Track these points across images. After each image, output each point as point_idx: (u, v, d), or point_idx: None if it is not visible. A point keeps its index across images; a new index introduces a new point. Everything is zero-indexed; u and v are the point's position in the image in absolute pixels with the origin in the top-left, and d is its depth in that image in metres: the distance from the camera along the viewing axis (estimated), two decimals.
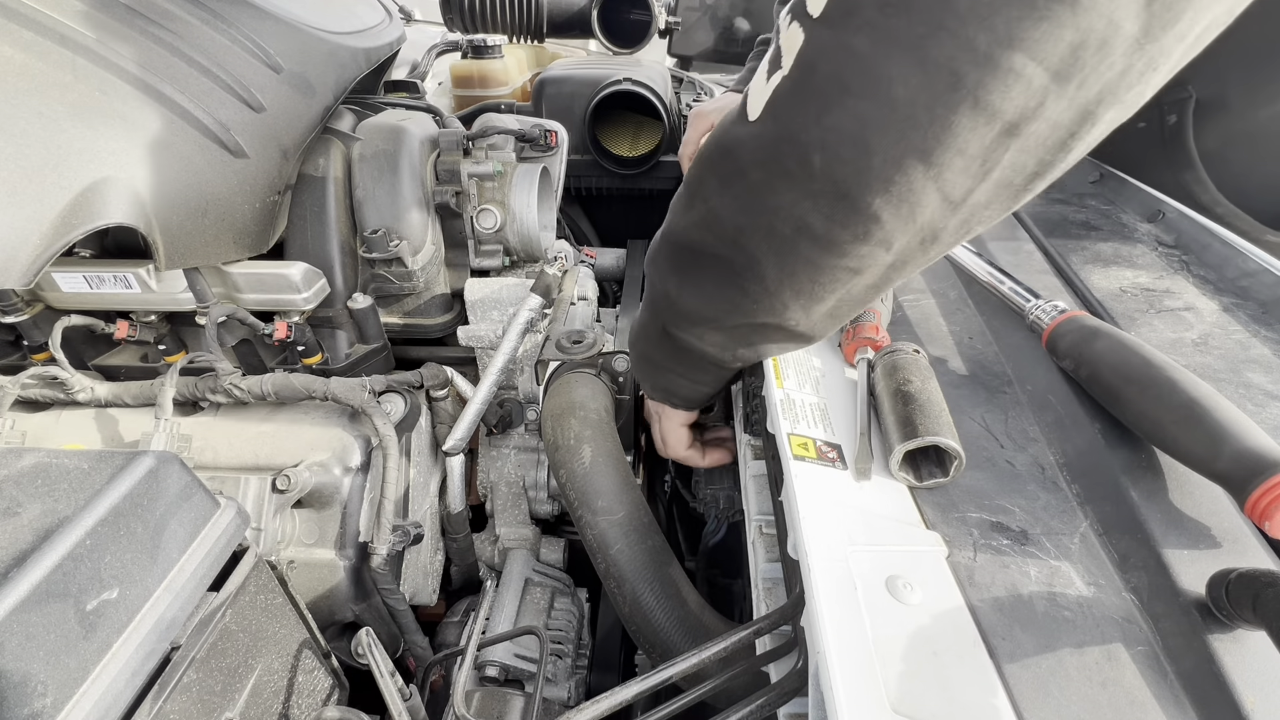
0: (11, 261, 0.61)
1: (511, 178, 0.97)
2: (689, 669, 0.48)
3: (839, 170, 0.40)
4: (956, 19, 0.34)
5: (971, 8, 0.33)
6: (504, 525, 1.05)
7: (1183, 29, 0.34)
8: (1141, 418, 0.48)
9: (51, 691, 0.37)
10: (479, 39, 1.59)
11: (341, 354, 0.95)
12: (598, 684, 0.96)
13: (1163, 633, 0.40)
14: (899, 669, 0.37)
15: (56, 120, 0.64)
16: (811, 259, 0.45)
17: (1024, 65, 0.34)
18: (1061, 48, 0.33)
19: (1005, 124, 0.36)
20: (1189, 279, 0.71)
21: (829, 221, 0.42)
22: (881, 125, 0.38)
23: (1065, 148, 0.38)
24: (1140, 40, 0.33)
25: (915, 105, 0.36)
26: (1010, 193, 0.41)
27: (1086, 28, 0.33)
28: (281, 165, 0.81)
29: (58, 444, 0.82)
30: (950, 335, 0.66)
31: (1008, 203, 0.41)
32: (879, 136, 0.38)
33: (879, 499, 0.48)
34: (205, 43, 0.77)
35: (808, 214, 0.43)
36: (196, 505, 0.48)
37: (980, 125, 0.36)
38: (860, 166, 0.39)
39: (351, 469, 0.80)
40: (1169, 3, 0.32)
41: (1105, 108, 0.36)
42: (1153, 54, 0.34)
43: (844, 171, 0.40)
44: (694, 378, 0.64)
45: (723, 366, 0.59)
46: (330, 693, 0.63)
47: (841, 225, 0.42)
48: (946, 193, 0.40)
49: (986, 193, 0.40)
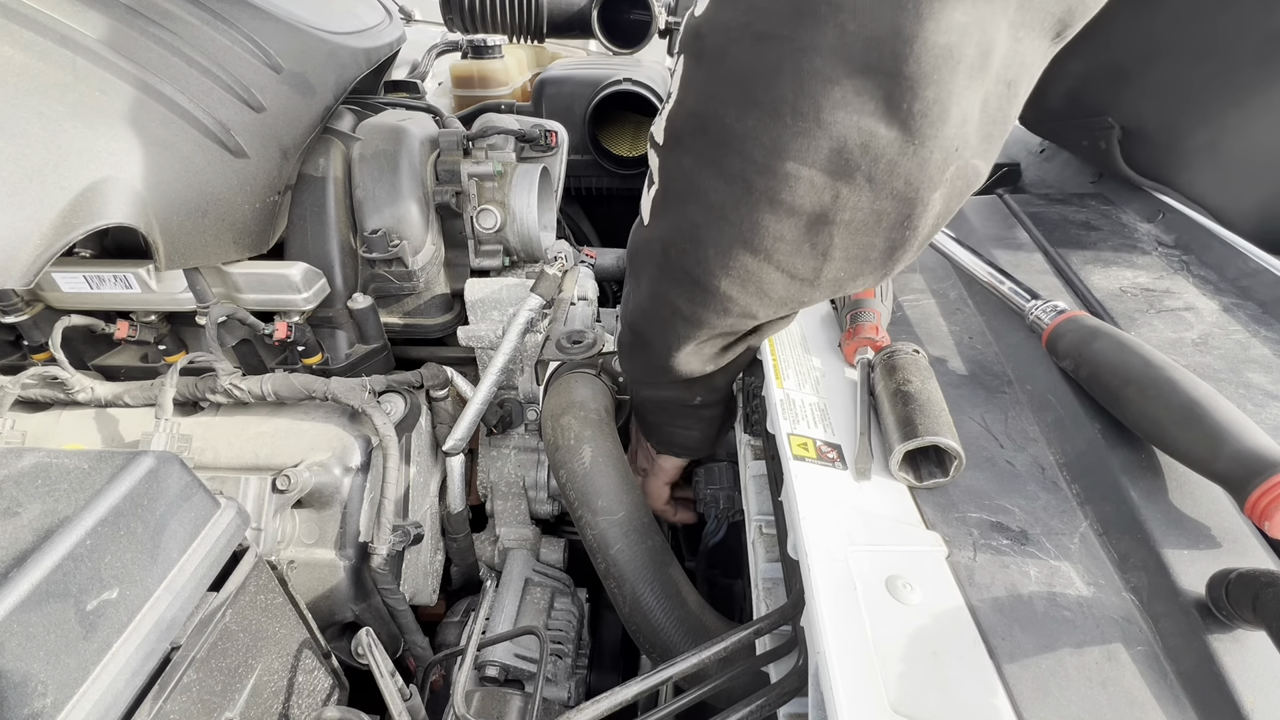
0: (12, 261, 0.61)
1: (511, 178, 0.97)
2: (689, 669, 0.48)
3: (687, 261, 0.50)
4: (738, 139, 0.42)
5: (749, 130, 0.42)
6: (504, 525, 1.05)
7: (952, 132, 0.39)
8: (1141, 418, 0.48)
9: (51, 691, 0.37)
10: (479, 39, 1.59)
11: (341, 354, 0.95)
12: (598, 684, 0.96)
13: (1163, 633, 0.40)
14: (899, 669, 0.37)
15: (56, 120, 0.64)
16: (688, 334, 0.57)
17: (797, 170, 0.41)
18: (823, 154, 0.40)
19: (811, 216, 0.44)
20: (1189, 279, 0.71)
21: (691, 303, 0.53)
22: (708, 224, 0.47)
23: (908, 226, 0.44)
24: (908, 139, 0.39)
25: (726, 207, 0.45)
26: (874, 265, 0.48)
27: (839, 136, 0.40)
28: (281, 165, 0.81)
29: (58, 444, 0.82)
30: (950, 335, 0.66)
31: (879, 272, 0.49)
32: (708, 232, 0.48)
33: (879, 499, 0.48)
34: (205, 43, 0.77)
35: (678, 299, 0.54)
36: (196, 505, 0.48)
37: (785, 218, 0.44)
38: (701, 257, 0.49)
39: (351, 469, 0.80)
40: (924, 110, 0.38)
41: (925, 191, 0.42)
42: (935, 148, 0.40)
43: (690, 262, 0.50)
44: (679, 424, 0.73)
45: (686, 404, 0.68)
46: (330, 693, 0.63)
47: (702, 305, 0.53)
48: (791, 272, 0.48)
49: (842, 268, 0.48)
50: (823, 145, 0.40)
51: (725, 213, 0.46)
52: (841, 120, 0.39)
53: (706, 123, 0.44)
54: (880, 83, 0.38)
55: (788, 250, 0.46)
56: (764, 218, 0.44)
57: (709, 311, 0.53)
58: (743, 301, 0.51)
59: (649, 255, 0.55)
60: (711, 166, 0.45)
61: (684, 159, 0.47)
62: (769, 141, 0.41)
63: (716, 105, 0.43)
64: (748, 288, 0.49)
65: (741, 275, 0.49)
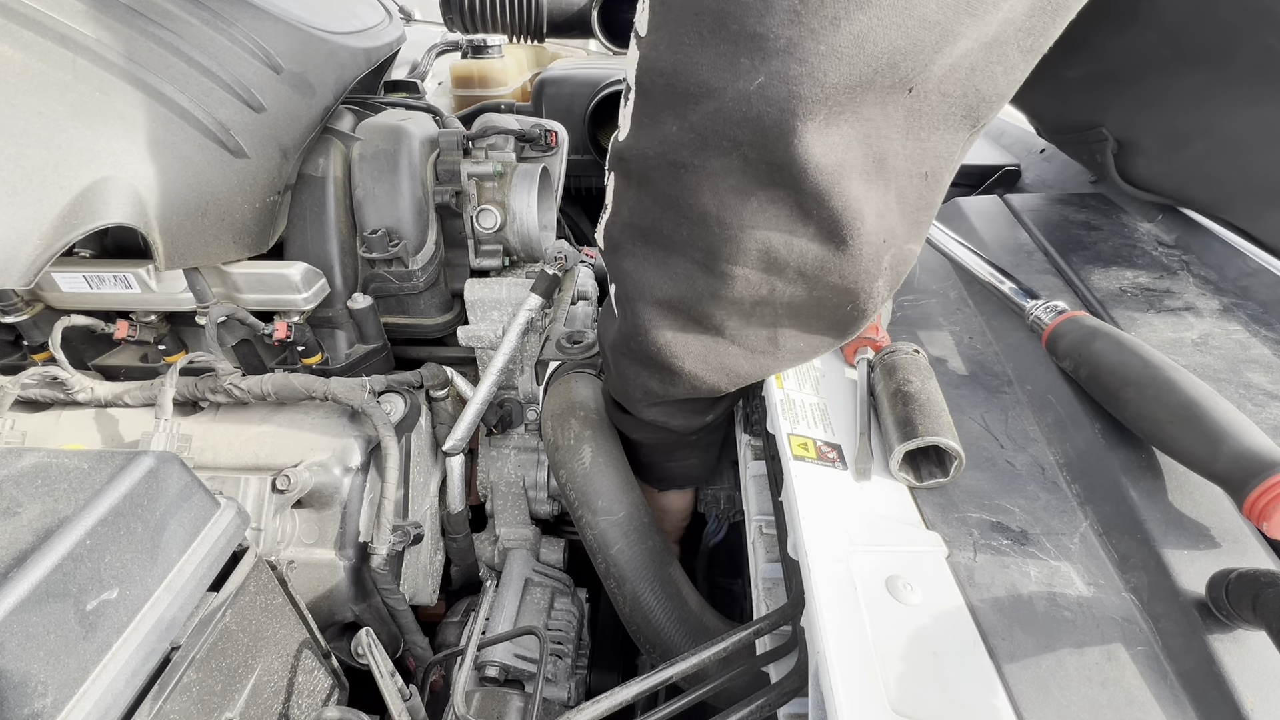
0: (12, 261, 0.61)
1: (511, 178, 0.97)
2: (689, 669, 0.48)
3: (650, 348, 0.54)
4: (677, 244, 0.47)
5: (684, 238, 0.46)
6: (504, 525, 1.05)
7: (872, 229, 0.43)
8: (1140, 418, 0.48)
9: (51, 691, 0.37)
10: (479, 39, 1.59)
11: (341, 354, 0.95)
12: (598, 684, 0.96)
13: (1163, 633, 0.40)
14: (899, 669, 0.37)
15: (56, 120, 0.64)
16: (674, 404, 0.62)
17: (731, 269, 0.46)
18: (753, 255, 0.45)
19: (753, 303, 0.48)
20: (1189, 279, 0.71)
21: (664, 384, 0.58)
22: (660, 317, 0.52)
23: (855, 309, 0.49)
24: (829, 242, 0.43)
25: (675, 300, 0.50)
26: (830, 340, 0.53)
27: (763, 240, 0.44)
28: (281, 165, 0.81)
29: (58, 444, 0.82)
30: (950, 335, 0.66)
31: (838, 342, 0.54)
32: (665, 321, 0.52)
33: (879, 499, 0.48)
34: (205, 43, 0.77)
35: (649, 380, 0.59)
36: (196, 505, 0.48)
37: (729, 306, 0.49)
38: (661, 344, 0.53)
39: (351, 469, 0.80)
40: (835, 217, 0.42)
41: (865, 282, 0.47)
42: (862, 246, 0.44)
43: (651, 349, 0.54)
44: (675, 459, 0.75)
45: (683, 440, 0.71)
46: (330, 693, 0.63)
47: (672, 385, 0.57)
48: (749, 347, 0.53)
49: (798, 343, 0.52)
50: (750, 248, 0.45)
51: (674, 305, 0.51)
52: (762, 226, 0.43)
53: (645, 232, 0.49)
54: (788, 196, 0.42)
55: (737, 328, 0.51)
56: (710, 307, 0.50)
57: (679, 389, 0.58)
58: (710, 379, 0.55)
59: (614, 346, 0.61)
60: (657, 268, 0.50)
61: (628, 262, 0.52)
62: (704, 246, 0.46)
63: (651, 219, 0.48)
64: (710, 365, 0.54)
65: (702, 355, 0.53)
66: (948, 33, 0.36)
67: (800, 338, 0.52)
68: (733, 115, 0.39)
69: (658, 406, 0.63)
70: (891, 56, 0.36)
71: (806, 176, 0.40)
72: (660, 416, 0.65)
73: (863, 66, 0.36)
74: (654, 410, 0.64)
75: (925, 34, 0.36)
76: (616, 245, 0.52)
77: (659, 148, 0.44)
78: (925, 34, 0.36)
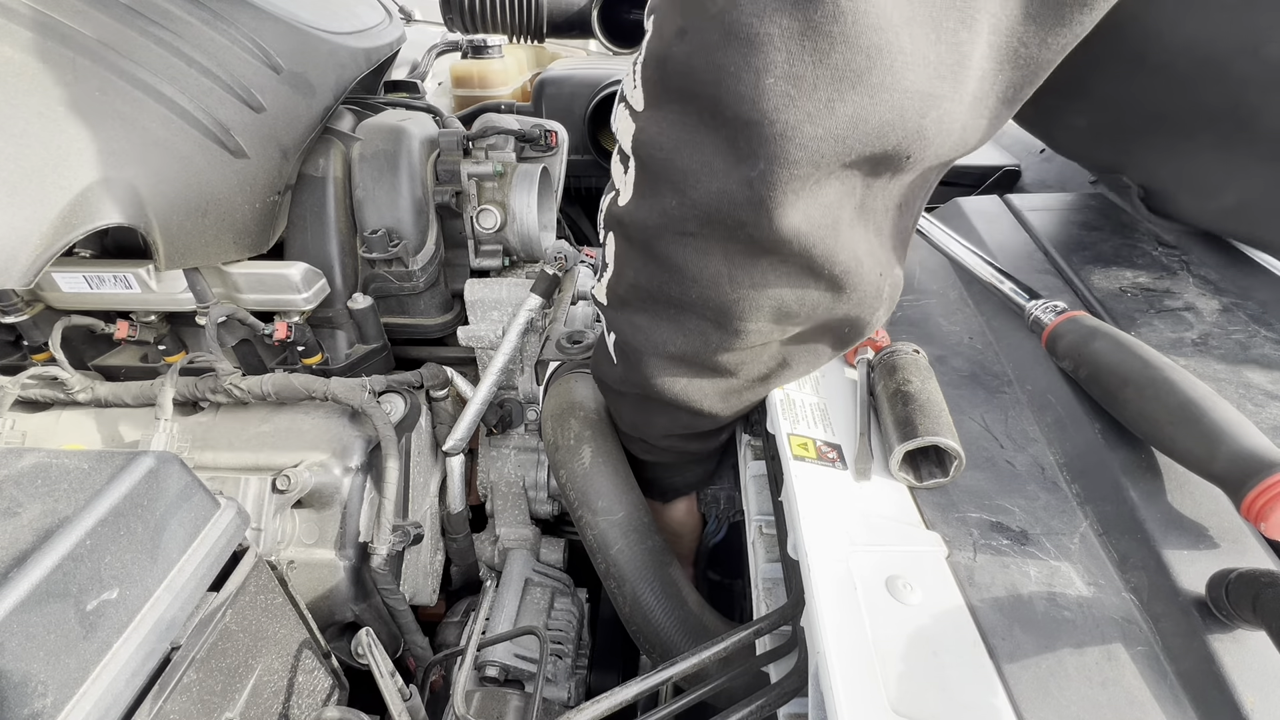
0: (12, 262, 0.61)
1: (511, 178, 0.97)
2: (689, 669, 0.48)
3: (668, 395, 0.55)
4: (688, 305, 0.48)
5: (694, 299, 0.47)
6: (504, 525, 1.05)
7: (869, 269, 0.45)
8: (1139, 418, 0.48)
9: (51, 691, 0.37)
10: (479, 39, 1.59)
11: (341, 354, 0.95)
12: (598, 684, 0.96)
13: (1163, 633, 0.40)
14: (899, 669, 0.37)
15: (56, 120, 0.64)
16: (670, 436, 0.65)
17: (744, 325, 0.48)
18: (766, 311, 0.46)
19: (762, 345, 0.51)
20: (1189, 279, 0.71)
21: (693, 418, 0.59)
22: (673, 368, 0.54)
23: (857, 335, 0.52)
24: (838, 292, 0.46)
25: (687, 355, 0.52)
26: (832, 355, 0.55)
27: (776, 296, 0.45)
28: (281, 165, 0.81)
29: (58, 444, 0.82)
30: (950, 335, 0.66)
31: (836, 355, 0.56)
32: (674, 372, 0.54)
33: (879, 499, 0.48)
34: (205, 43, 0.77)
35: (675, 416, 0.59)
36: (196, 505, 0.48)
37: (742, 354, 0.51)
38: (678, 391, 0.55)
39: (351, 469, 0.80)
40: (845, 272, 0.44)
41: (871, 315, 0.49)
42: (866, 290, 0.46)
43: (669, 396, 0.55)
44: (675, 474, 0.76)
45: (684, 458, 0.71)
46: (330, 693, 0.63)
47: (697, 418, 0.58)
48: (767, 383, 0.56)
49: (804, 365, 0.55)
50: (764, 305, 0.46)
51: (689, 359, 0.52)
52: (774, 285, 0.45)
53: (653, 293, 0.49)
54: (794, 261, 0.43)
55: (748, 369, 0.53)
56: (722, 357, 0.51)
57: (700, 423, 0.60)
58: (727, 412, 0.58)
59: (623, 391, 0.61)
60: (669, 325, 0.51)
61: (637, 318, 0.52)
62: (716, 305, 0.47)
63: (659, 282, 0.48)
64: (727, 402, 0.57)
65: (719, 395, 0.56)
66: (930, 98, 0.37)
67: (805, 362, 0.54)
68: (736, 198, 0.40)
69: (673, 437, 0.65)
70: (881, 129, 0.37)
71: (814, 245, 0.42)
72: (678, 444, 0.67)
73: (856, 142, 0.38)
74: (670, 440, 0.66)
75: (910, 104, 0.37)
76: (624, 302, 0.53)
77: (660, 219, 0.44)
78: (910, 104, 0.37)
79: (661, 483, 0.78)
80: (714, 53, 0.36)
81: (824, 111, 0.36)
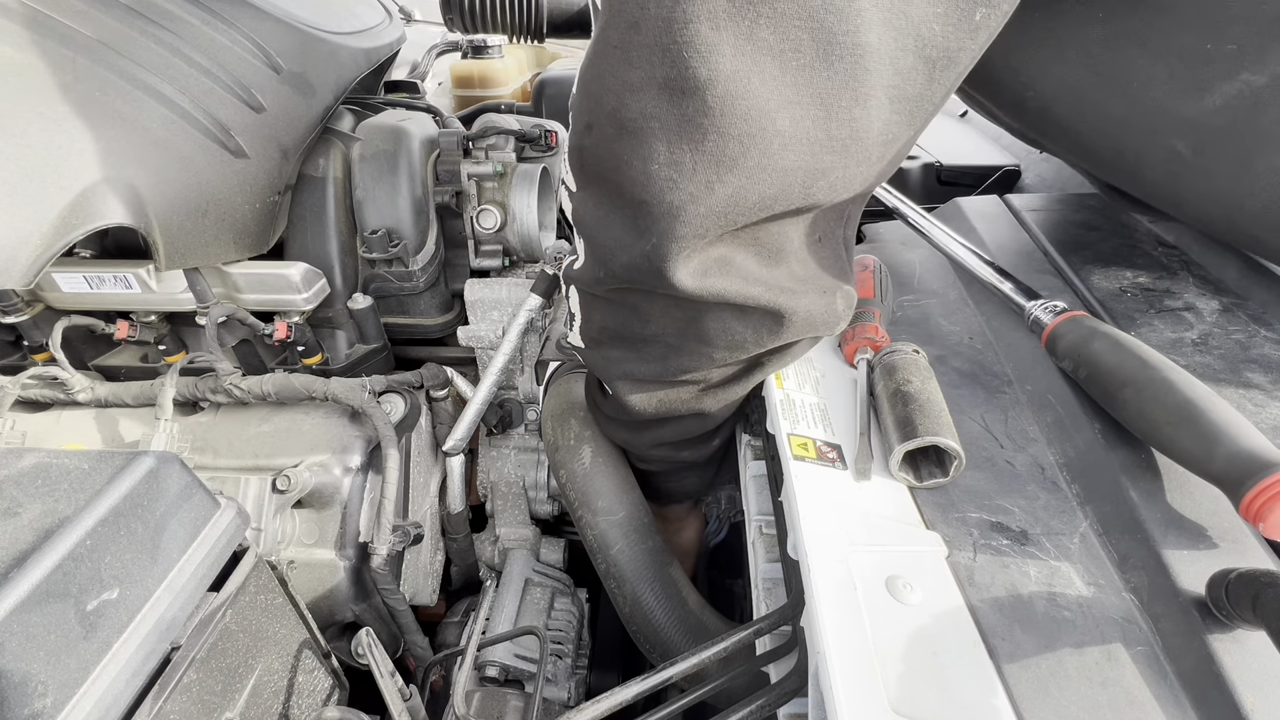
0: (12, 262, 0.61)
1: (511, 178, 0.97)
2: (689, 669, 0.48)
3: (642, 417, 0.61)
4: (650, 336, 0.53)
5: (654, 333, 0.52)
6: (504, 525, 1.05)
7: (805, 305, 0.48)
8: (1138, 418, 0.48)
9: (52, 691, 0.37)
10: (479, 39, 1.59)
11: (341, 354, 0.95)
12: (598, 684, 0.96)
13: (1163, 633, 0.40)
14: (899, 669, 0.37)
15: (56, 120, 0.64)
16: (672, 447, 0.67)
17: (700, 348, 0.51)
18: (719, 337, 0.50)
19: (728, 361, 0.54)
20: (1189, 279, 0.71)
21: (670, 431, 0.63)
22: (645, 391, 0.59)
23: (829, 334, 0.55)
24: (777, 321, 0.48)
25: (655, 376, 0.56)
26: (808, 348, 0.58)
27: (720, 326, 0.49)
28: (281, 165, 0.81)
29: (58, 444, 0.82)
30: (950, 335, 0.66)
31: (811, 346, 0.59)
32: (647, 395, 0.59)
33: (879, 499, 0.48)
34: (205, 43, 0.77)
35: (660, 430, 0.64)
36: (197, 505, 0.48)
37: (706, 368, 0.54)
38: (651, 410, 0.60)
39: (351, 469, 0.80)
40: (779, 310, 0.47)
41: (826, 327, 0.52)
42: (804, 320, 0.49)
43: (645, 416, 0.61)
44: (670, 480, 0.77)
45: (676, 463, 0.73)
46: (330, 693, 0.63)
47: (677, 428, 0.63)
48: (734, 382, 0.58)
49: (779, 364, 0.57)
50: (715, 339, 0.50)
51: (655, 380, 0.57)
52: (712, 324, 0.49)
53: (618, 333, 0.55)
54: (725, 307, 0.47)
55: (718, 378, 0.57)
56: (689, 375, 0.55)
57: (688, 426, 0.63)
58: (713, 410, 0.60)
59: (611, 419, 0.67)
60: (635, 356, 0.56)
61: (611, 352, 0.58)
62: (673, 335, 0.52)
63: (619, 322, 0.54)
64: (704, 402, 0.60)
65: (694, 399, 0.59)
66: (813, 172, 0.40)
67: (776, 364, 0.57)
68: (640, 268, 0.45)
69: (664, 446, 0.67)
70: (764, 202, 0.41)
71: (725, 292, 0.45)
72: (669, 453, 0.68)
73: (740, 217, 0.41)
74: (661, 449, 0.67)
75: (793, 179, 0.40)
76: (596, 343, 0.58)
77: (602, 284, 0.50)
78: (793, 179, 0.40)
79: (660, 490, 0.78)
80: (612, 144, 0.41)
81: (705, 192, 0.39)
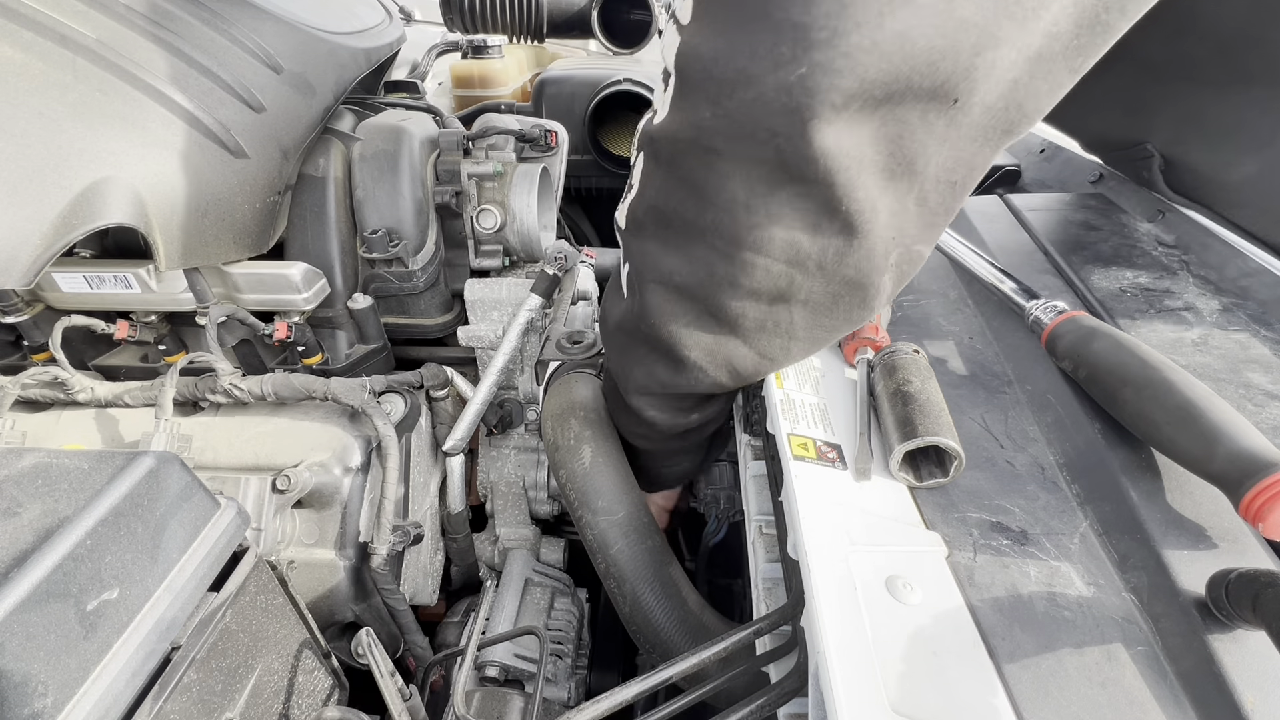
0: (12, 262, 0.61)
1: (511, 178, 0.97)
2: (689, 669, 0.48)
3: (659, 334, 0.55)
4: (699, 230, 0.47)
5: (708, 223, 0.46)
6: (504, 525, 1.05)
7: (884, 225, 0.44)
8: (1138, 419, 0.48)
9: (52, 691, 0.37)
10: (479, 39, 1.59)
11: (341, 354, 0.95)
12: (598, 684, 0.96)
13: (1163, 633, 0.40)
14: (899, 669, 0.37)
15: (56, 120, 0.64)
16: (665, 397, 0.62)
17: (754, 258, 0.46)
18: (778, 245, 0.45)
19: (770, 296, 0.49)
20: (1189, 279, 0.71)
21: (670, 372, 0.57)
22: (673, 303, 0.52)
23: (863, 306, 0.50)
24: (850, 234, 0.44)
25: (692, 288, 0.51)
26: (831, 337, 0.53)
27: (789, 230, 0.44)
28: (281, 165, 0.81)
29: (58, 444, 0.82)
30: (950, 335, 0.66)
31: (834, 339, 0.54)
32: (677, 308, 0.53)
33: (879, 499, 0.48)
34: (205, 43, 0.77)
35: (654, 366, 0.58)
36: (197, 505, 0.48)
37: (746, 299, 0.49)
38: (670, 330, 0.54)
39: (351, 469, 0.80)
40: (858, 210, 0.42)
41: (874, 276, 0.47)
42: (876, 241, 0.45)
43: (661, 334, 0.55)
44: (664, 463, 0.76)
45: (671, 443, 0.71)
46: (330, 693, 0.63)
47: (675, 373, 0.57)
48: (760, 349, 0.53)
49: (805, 346, 0.53)
50: (777, 238, 0.45)
51: (690, 292, 0.51)
52: (789, 217, 0.44)
53: (668, 216, 0.49)
54: (818, 191, 0.42)
55: (749, 323, 0.51)
56: (727, 298, 0.49)
57: (682, 379, 0.57)
58: (713, 374, 0.55)
59: (624, 329, 0.60)
60: (677, 253, 0.50)
61: (648, 244, 0.52)
62: (728, 234, 0.46)
63: (675, 202, 0.48)
64: (715, 360, 0.54)
65: (709, 349, 0.54)
66: (986, 35, 0.36)
67: (807, 333, 0.52)
68: (772, 105, 0.39)
69: (649, 396, 0.63)
70: (930, 55, 0.36)
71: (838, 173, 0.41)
72: (647, 406, 0.64)
73: (902, 64, 0.37)
74: (643, 399, 0.64)
75: (964, 36, 0.36)
76: (639, 226, 0.52)
77: (691, 132, 0.44)
78: (964, 36, 0.36)
79: (649, 472, 0.78)
80: None
81: (874, 22, 0.35)
